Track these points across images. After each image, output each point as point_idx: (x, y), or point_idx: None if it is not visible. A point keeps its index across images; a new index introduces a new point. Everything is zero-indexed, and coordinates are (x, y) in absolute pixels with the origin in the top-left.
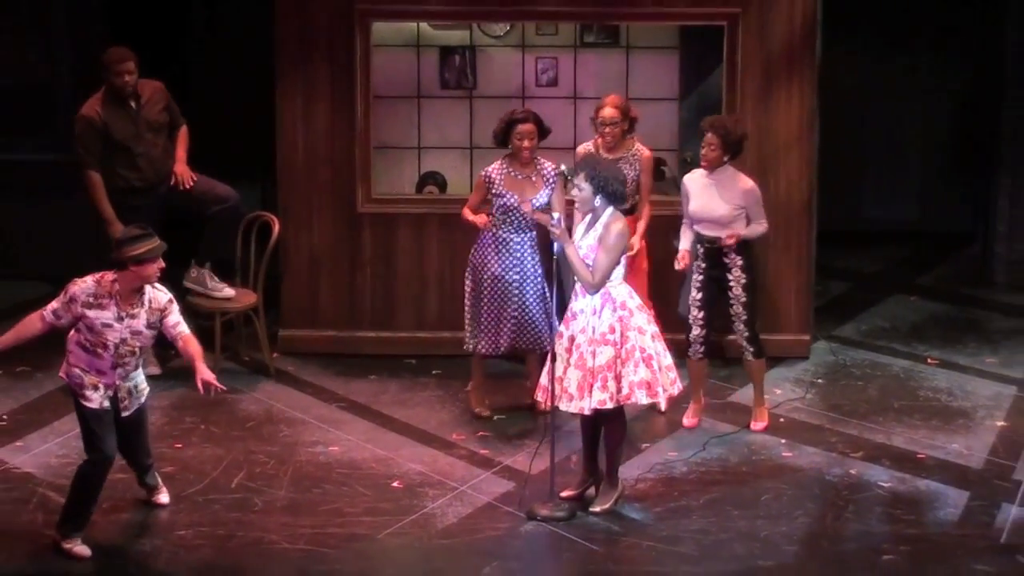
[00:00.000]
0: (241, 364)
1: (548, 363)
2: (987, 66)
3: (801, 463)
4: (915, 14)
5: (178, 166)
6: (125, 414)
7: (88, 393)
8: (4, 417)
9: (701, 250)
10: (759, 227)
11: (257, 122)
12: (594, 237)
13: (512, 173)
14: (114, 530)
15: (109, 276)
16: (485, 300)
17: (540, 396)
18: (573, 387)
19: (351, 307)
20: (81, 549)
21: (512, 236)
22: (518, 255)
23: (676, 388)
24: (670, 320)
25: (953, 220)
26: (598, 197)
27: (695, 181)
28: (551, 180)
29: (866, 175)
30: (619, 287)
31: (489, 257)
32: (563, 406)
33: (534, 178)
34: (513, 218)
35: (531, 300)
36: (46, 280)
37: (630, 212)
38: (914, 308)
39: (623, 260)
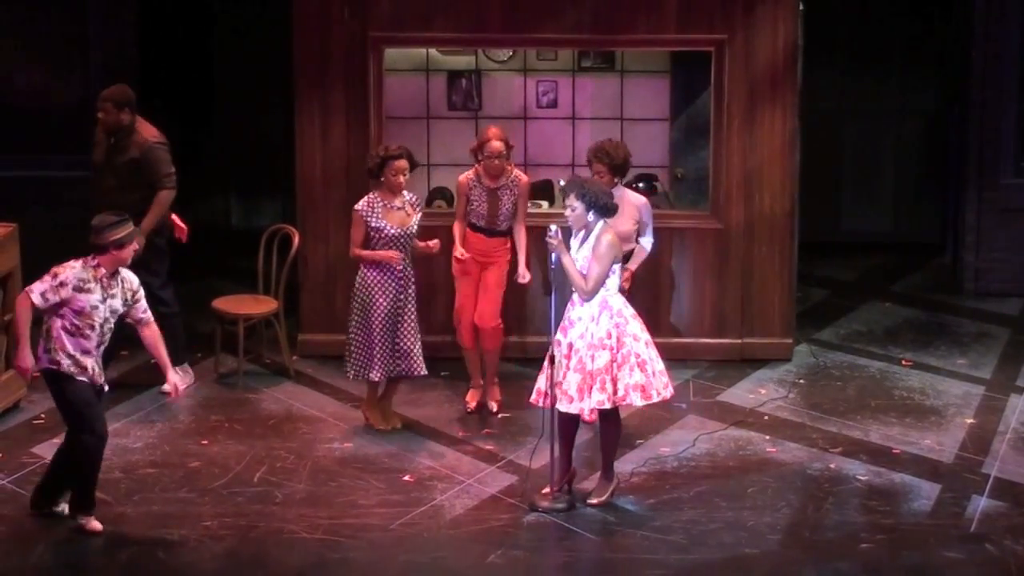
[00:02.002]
0: (263, 366)
1: (546, 367)
2: (954, 86)
3: (784, 458)
4: (886, 38)
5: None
6: (107, 388)
7: (79, 373)
8: (42, 415)
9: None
10: (646, 247)
11: (276, 140)
12: (589, 249)
13: (386, 204)
14: (143, 521)
15: (91, 260)
16: (377, 331)
17: (536, 399)
18: (573, 389)
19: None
20: (95, 524)
21: (398, 266)
22: (403, 283)
23: (668, 391)
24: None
25: (924, 231)
26: (591, 213)
27: None
28: (419, 205)
29: (843, 189)
30: (615, 296)
31: (377, 289)
32: (563, 407)
33: (407, 208)
34: (396, 248)
35: (411, 327)
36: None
37: (502, 234)
38: (889, 313)
39: (616, 270)
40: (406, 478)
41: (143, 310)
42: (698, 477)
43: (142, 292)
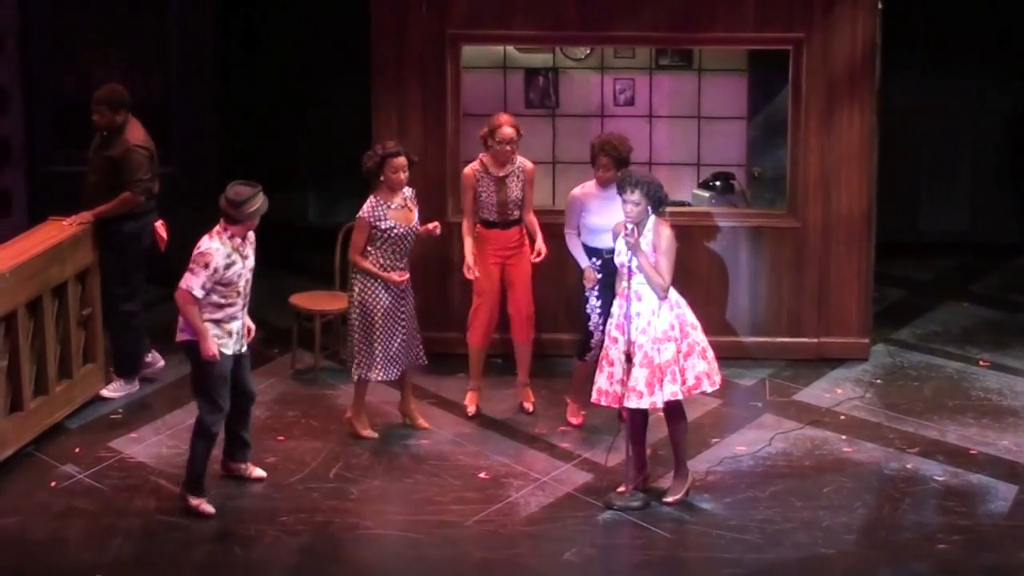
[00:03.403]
0: (339, 362)
1: (605, 367)
2: None
3: (861, 458)
4: (964, 36)
5: (85, 212)
6: (245, 349)
7: (225, 342)
8: (120, 410)
9: (598, 261)
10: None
11: (353, 136)
12: (645, 244)
13: (388, 204)
14: (220, 516)
15: (224, 232)
16: (378, 332)
17: (597, 398)
18: (641, 385)
19: (441, 309)
20: (207, 507)
21: (396, 263)
22: (403, 285)
23: (719, 379)
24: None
25: (1002, 231)
26: (649, 206)
27: (591, 197)
28: (415, 199)
29: (921, 189)
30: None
31: (378, 291)
32: (632, 403)
33: (407, 204)
34: (399, 247)
35: (412, 321)
36: (155, 282)
37: (513, 224)
38: (966, 314)
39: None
40: (482, 475)
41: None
42: (774, 476)
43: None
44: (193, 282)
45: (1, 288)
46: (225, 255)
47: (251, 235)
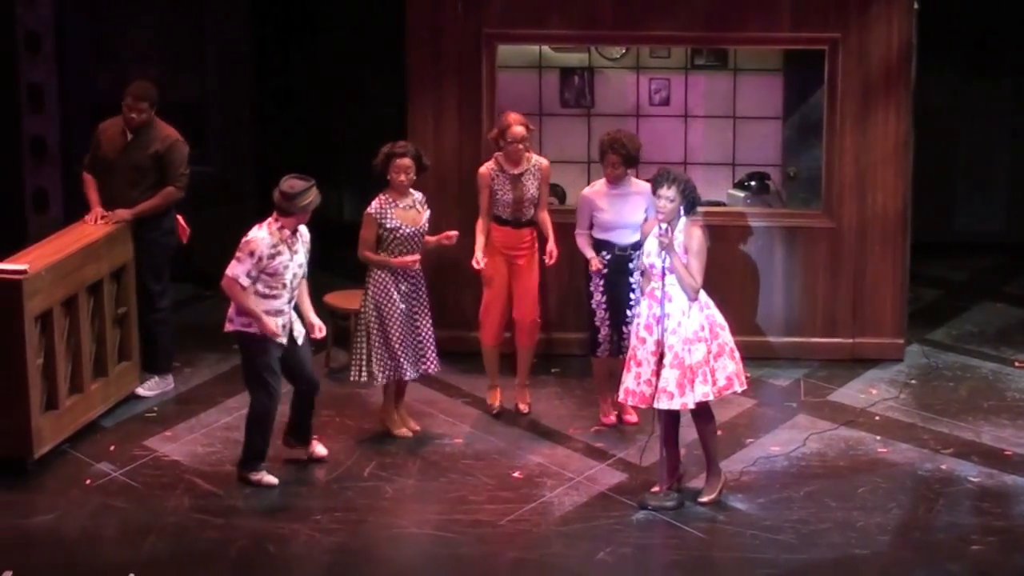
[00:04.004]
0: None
1: (632, 367)
2: None
3: (895, 459)
4: (1002, 36)
5: (123, 209)
6: (300, 339)
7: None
8: (154, 409)
9: (608, 256)
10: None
11: (389, 134)
12: (676, 246)
13: (397, 204)
14: (254, 515)
15: (275, 223)
16: (394, 333)
17: (624, 397)
18: (672, 385)
19: (476, 308)
20: (269, 478)
21: (412, 268)
22: (415, 283)
23: (746, 379)
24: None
25: None
26: (682, 206)
27: (601, 195)
28: (425, 203)
29: (957, 189)
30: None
31: (392, 291)
32: (663, 405)
33: (416, 206)
34: (408, 248)
35: (426, 325)
36: (189, 281)
37: (526, 224)
38: (1002, 314)
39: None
40: (516, 474)
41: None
42: (808, 477)
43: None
44: (238, 270)
45: (37, 286)
46: (270, 245)
47: (305, 232)
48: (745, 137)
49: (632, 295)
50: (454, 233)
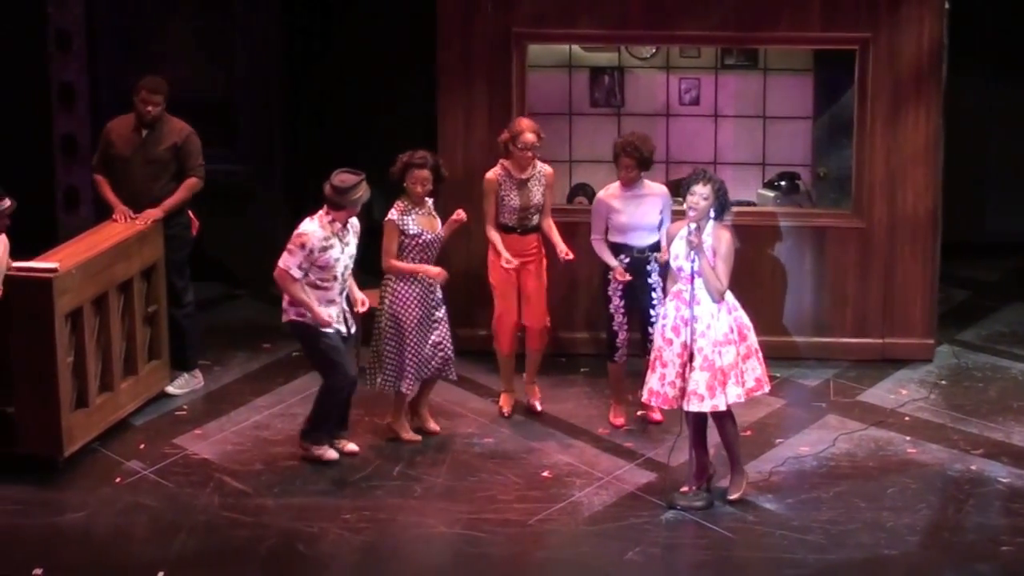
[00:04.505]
0: None
1: (658, 368)
2: None
3: (925, 459)
4: None
5: (152, 208)
6: (354, 330)
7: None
8: (184, 407)
9: (626, 259)
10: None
11: (418, 135)
12: (706, 248)
13: (417, 210)
14: (284, 513)
15: (326, 216)
16: (410, 341)
17: (648, 398)
18: (702, 388)
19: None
20: (331, 453)
21: (438, 280)
22: (431, 289)
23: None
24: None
25: None
26: (713, 207)
27: (616, 198)
28: (435, 214)
29: (988, 189)
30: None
31: (410, 300)
32: (694, 407)
33: (432, 212)
34: (426, 254)
35: (444, 331)
36: (221, 280)
37: (531, 231)
38: None
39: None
40: (545, 474)
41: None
42: (837, 477)
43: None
44: (290, 262)
45: (68, 285)
46: (322, 238)
47: (355, 223)
48: (775, 137)
49: (653, 295)
50: (461, 212)
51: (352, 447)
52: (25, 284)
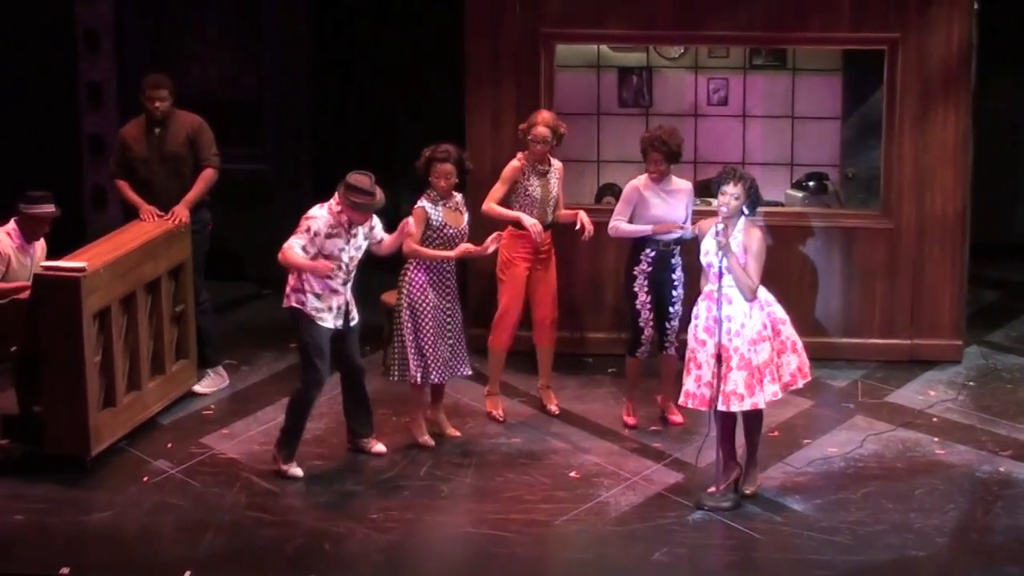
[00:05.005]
0: None
1: (692, 370)
2: None
3: (953, 460)
4: None
5: (179, 205)
6: (353, 323)
7: (324, 316)
8: (211, 406)
9: (652, 254)
10: (689, 232)
11: (446, 134)
12: (737, 245)
13: (444, 203)
14: (310, 513)
15: (335, 206)
16: (427, 332)
17: (684, 400)
18: (741, 387)
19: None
20: (296, 471)
21: (444, 265)
22: (450, 284)
23: (809, 370)
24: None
25: None
26: (745, 205)
27: (648, 190)
28: (465, 207)
29: (1017, 190)
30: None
31: (427, 289)
32: (735, 407)
33: (460, 208)
34: (450, 248)
35: (458, 327)
36: (248, 279)
37: (550, 227)
38: None
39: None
40: (572, 474)
41: (379, 237)
42: (865, 478)
43: (378, 221)
44: (293, 240)
45: (96, 284)
46: (328, 224)
47: (374, 217)
48: (803, 137)
49: (674, 292)
50: (494, 240)
51: (380, 447)
52: (53, 283)
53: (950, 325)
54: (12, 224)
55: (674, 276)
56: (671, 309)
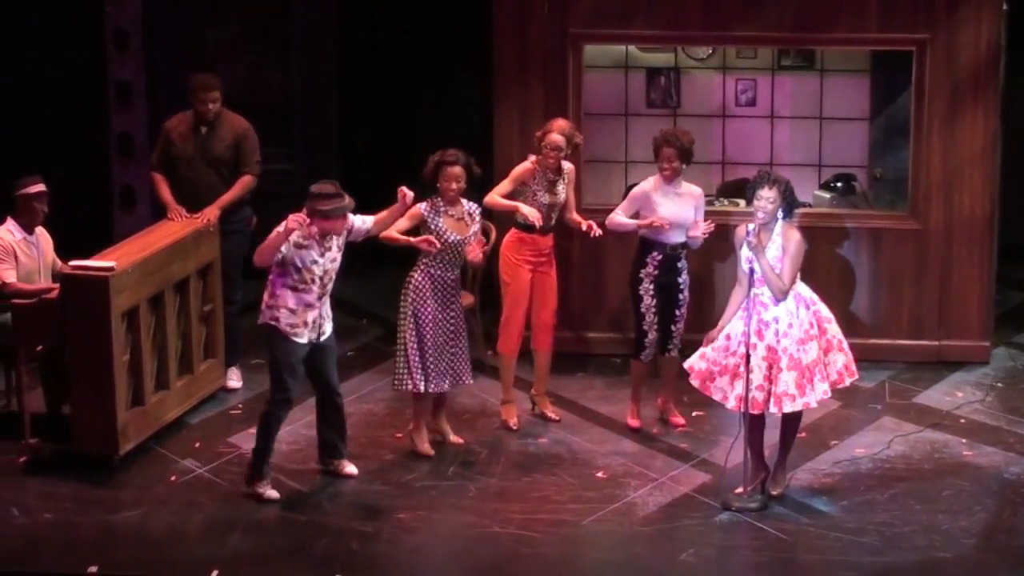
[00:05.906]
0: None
1: (743, 376)
2: None
3: (980, 461)
4: None
5: (211, 206)
6: (323, 338)
7: (299, 331)
8: (239, 406)
9: (659, 257)
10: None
11: (475, 135)
12: (776, 248)
13: (447, 211)
14: (338, 512)
15: (307, 220)
16: (429, 340)
17: (737, 405)
18: (792, 388)
19: (561, 308)
20: (272, 492)
21: (447, 273)
22: (452, 292)
23: (855, 367)
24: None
25: None
26: (781, 208)
27: (657, 192)
28: (477, 217)
29: None
30: (802, 286)
31: (428, 298)
32: (787, 407)
33: (464, 217)
34: (450, 255)
35: (461, 336)
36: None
37: (551, 231)
38: None
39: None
40: (599, 474)
41: (363, 228)
42: (893, 479)
43: (352, 218)
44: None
45: (124, 283)
46: (300, 235)
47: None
48: (831, 138)
49: (680, 296)
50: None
51: (351, 469)
52: (82, 283)
53: (978, 326)
54: (8, 221)
55: (680, 280)
56: (676, 312)
